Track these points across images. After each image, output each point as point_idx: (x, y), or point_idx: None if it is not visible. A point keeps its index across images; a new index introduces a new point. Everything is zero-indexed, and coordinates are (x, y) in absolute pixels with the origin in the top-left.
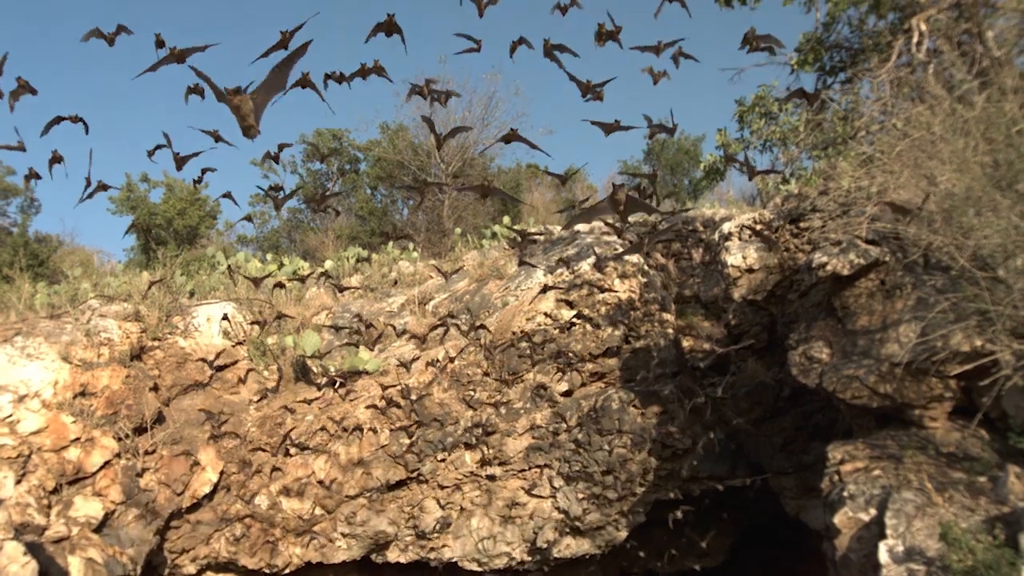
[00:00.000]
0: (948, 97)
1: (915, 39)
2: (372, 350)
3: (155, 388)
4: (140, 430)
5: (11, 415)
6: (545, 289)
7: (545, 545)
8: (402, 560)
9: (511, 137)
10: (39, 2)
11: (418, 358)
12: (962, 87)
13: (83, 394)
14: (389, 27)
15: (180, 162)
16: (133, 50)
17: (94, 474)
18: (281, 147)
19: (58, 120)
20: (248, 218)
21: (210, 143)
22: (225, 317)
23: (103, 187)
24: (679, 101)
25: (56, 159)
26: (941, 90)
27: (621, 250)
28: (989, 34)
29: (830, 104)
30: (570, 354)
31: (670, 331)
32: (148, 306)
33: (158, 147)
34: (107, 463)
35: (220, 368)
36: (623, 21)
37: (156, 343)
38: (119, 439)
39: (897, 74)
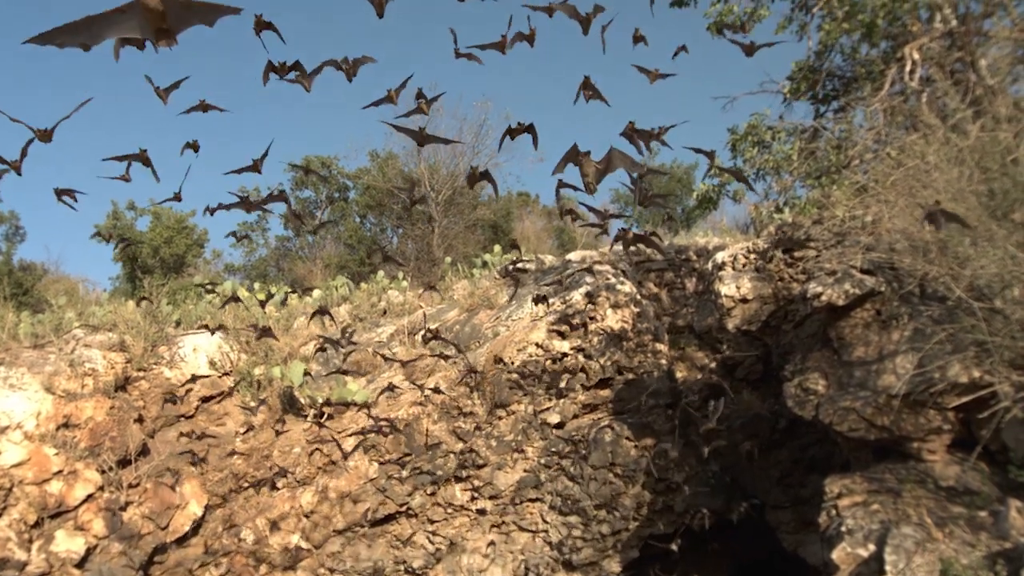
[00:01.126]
0: (942, 126)
1: (908, 68)
2: (361, 380)
3: (140, 419)
4: (124, 462)
5: None
6: (536, 319)
7: None
8: None
9: (473, 179)
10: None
11: (407, 389)
12: (956, 116)
13: (66, 425)
14: (260, 26)
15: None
16: (126, 74)
17: (76, 508)
18: (263, 156)
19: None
20: (234, 235)
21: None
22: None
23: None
24: (672, 129)
25: (68, 194)
26: (935, 119)
27: (614, 280)
28: (982, 62)
29: (823, 133)
30: (562, 385)
31: (663, 362)
32: (134, 336)
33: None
34: (90, 496)
35: (206, 399)
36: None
37: (141, 373)
38: (102, 472)
39: (891, 103)
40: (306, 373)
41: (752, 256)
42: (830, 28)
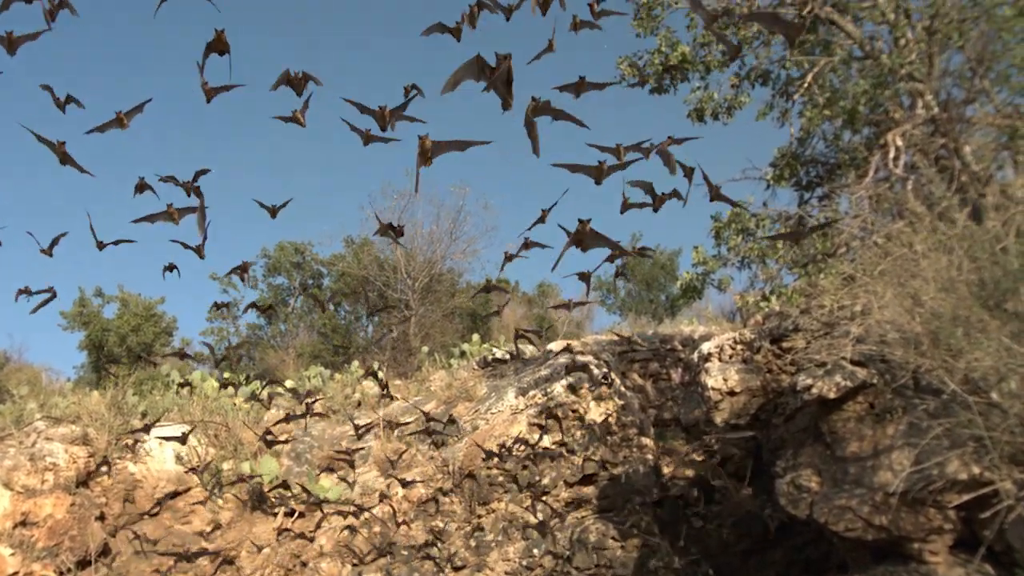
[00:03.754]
0: (929, 214)
1: (892, 154)
2: (333, 476)
3: (101, 517)
4: (84, 563)
5: None
6: (517, 412)
7: None
8: None
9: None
10: None
11: (383, 485)
12: (942, 204)
13: (24, 524)
14: (219, 45)
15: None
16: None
17: None
18: (246, 266)
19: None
20: (217, 305)
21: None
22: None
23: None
24: (652, 215)
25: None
26: (921, 207)
27: (596, 371)
28: (967, 149)
29: (808, 220)
30: (544, 482)
31: (649, 457)
32: (97, 428)
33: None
34: None
35: (172, 495)
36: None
37: (104, 468)
38: (61, 573)
39: (875, 190)
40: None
41: (739, 347)
42: (812, 115)
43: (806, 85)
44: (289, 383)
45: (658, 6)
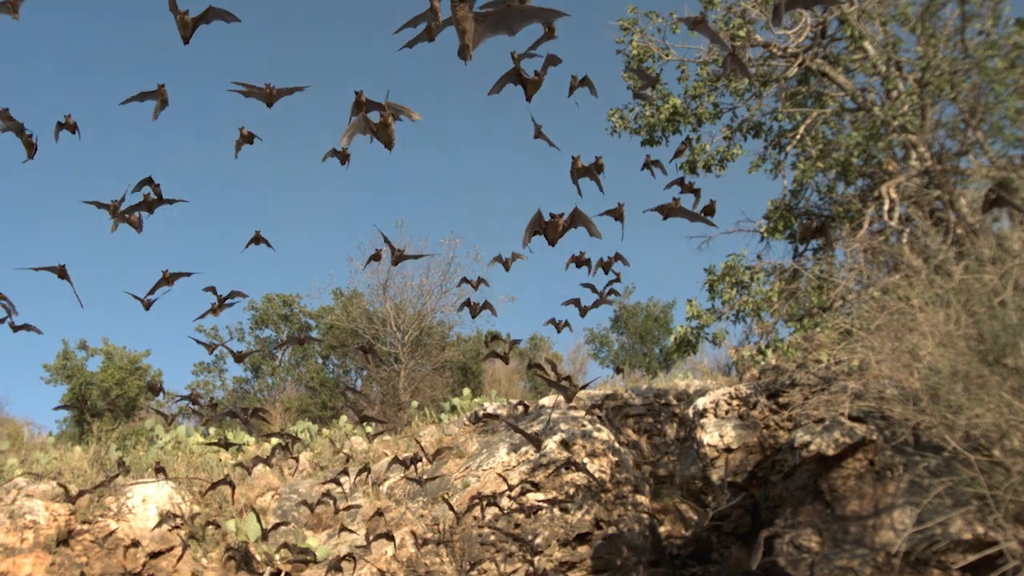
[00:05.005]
0: (925, 267)
1: (886, 206)
2: (321, 535)
3: None
4: None
5: None
6: (509, 469)
7: None
8: None
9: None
10: None
11: (371, 545)
12: (938, 256)
13: None
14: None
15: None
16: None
17: None
18: (222, 299)
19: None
20: (205, 346)
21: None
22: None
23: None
24: (646, 266)
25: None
26: (917, 260)
27: (590, 427)
28: (962, 201)
29: (803, 273)
30: (537, 541)
31: (645, 515)
32: (79, 485)
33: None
34: None
35: (155, 555)
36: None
37: (86, 526)
38: None
39: (870, 242)
40: (264, 528)
41: (735, 402)
42: (805, 167)
43: (799, 137)
44: (275, 440)
45: (649, 58)
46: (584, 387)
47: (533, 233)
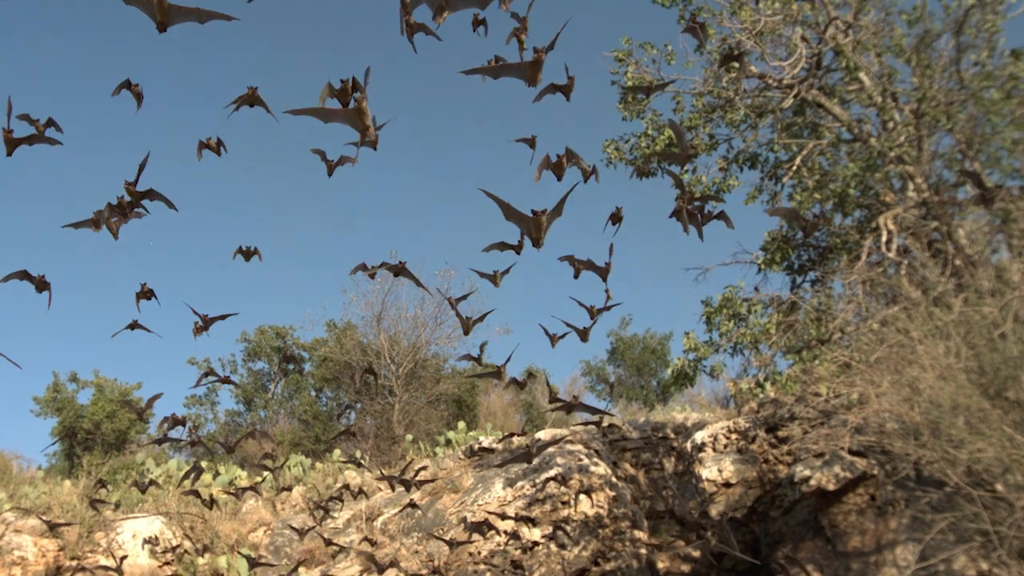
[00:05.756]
0: (924, 300)
1: (884, 238)
2: (314, 572)
3: None
4: None
5: None
6: (505, 504)
7: None
8: None
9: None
10: None
11: None
12: (937, 288)
13: None
14: (252, 99)
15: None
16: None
17: None
18: (208, 321)
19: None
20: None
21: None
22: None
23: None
24: (643, 298)
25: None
26: (916, 292)
27: (587, 461)
28: (960, 232)
29: (802, 305)
30: None
31: (643, 551)
32: (69, 520)
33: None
34: None
35: None
36: None
37: (75, 562)
38: None
39: (868, 274)
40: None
41: (734, 436)
42: (802, 198)
43: (795, 168)
44: (268, 474)
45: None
46: (593, 411)
47: (544, 169)
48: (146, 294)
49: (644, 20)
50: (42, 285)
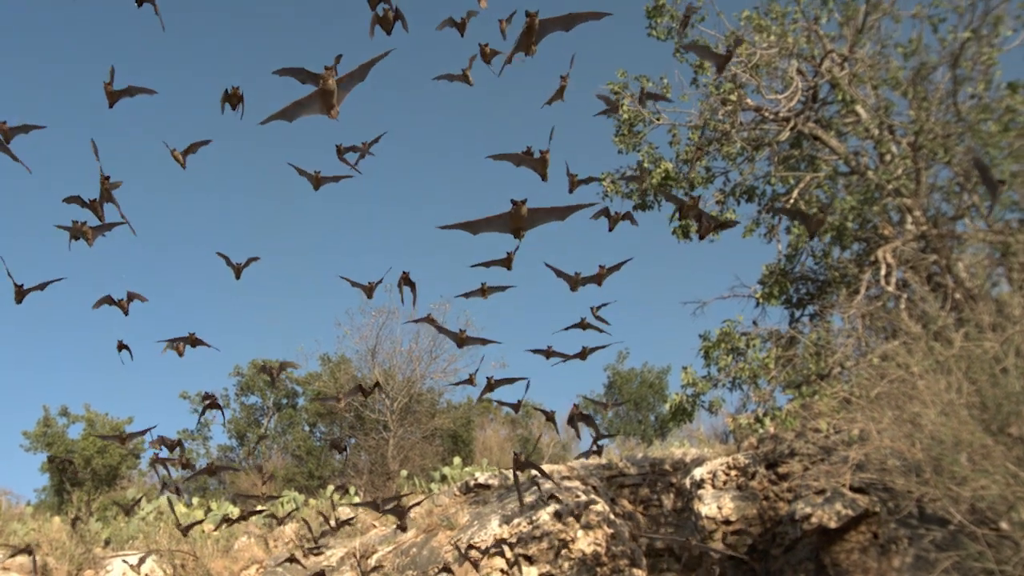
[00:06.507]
0: (924, 334)
1: (883, 271)
2: None
3: None
4: None
5: None
6: (500, 542)
7: None
8: None
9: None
10: None
11: None
12: (937, 322)
13: None
14: (234, 98)
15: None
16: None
17: None
18: (211, 401)
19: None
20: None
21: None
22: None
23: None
24: (640, 331)
25: None
26: (916, 326)
27: (584, 497)
28: (960, 265)
29: (800, 339)
30: None
31: None
32: (58, 557)
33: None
34: None
35: None
36: None
37: None
38: None
39: (868, 308)
40: None
41: (733, 472)
42: (799, 231)
43: (792, 201)
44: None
45: (640, 122)
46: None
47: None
48: (121, 347)
49: (639, 52)
50: (126, 308)
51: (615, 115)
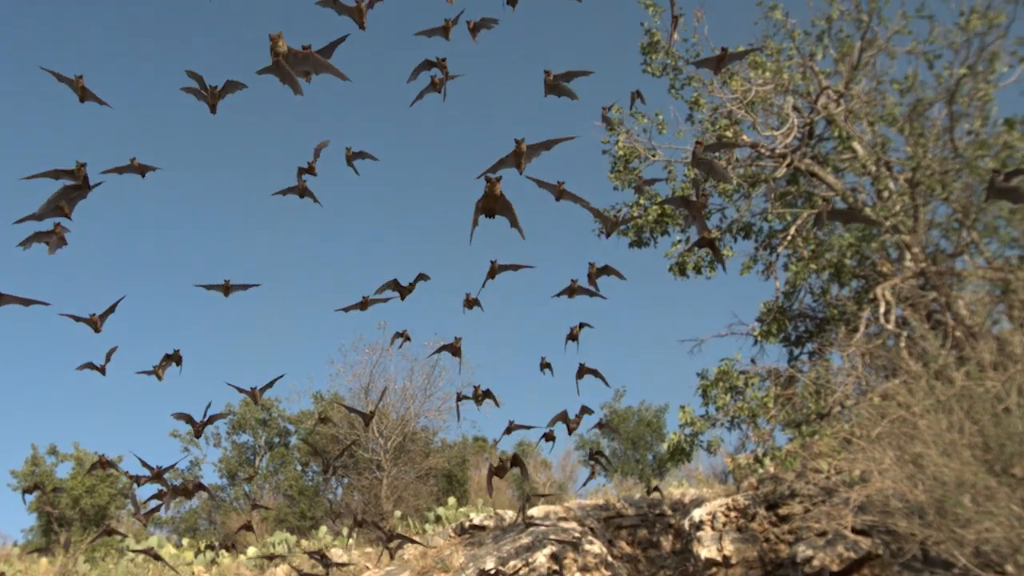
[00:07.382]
0: (925, 373)
1: (882, 308)
2: None
3: None
4: None
5: None
6: None
7: None
8: None
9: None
10: None
11: None
12: (938, 361)
13: None
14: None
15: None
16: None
17: None
18: (207, 420)
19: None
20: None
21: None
22: None
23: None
24: (637, 369)
25: None
26: (916, 365)
27: (581, 538)
28: (960, 303)
29: (800, 378)
30: None
31: None
32: None
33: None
34: None
35: None
36: None
37: None
38: None
39: (867, 346)
40: None
41: (733, 513)
42: (797, 268)
43: (790, 237)
44: (252, 551)
45: (635, 158)
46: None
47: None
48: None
49: (636, 87)
50: (179, 359)
51: (612, 132)
